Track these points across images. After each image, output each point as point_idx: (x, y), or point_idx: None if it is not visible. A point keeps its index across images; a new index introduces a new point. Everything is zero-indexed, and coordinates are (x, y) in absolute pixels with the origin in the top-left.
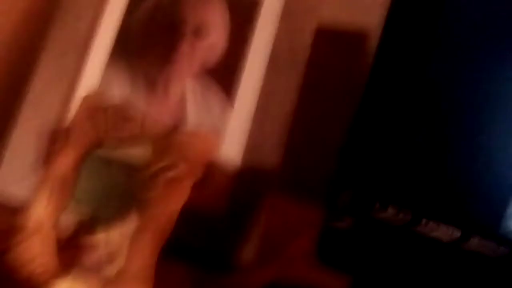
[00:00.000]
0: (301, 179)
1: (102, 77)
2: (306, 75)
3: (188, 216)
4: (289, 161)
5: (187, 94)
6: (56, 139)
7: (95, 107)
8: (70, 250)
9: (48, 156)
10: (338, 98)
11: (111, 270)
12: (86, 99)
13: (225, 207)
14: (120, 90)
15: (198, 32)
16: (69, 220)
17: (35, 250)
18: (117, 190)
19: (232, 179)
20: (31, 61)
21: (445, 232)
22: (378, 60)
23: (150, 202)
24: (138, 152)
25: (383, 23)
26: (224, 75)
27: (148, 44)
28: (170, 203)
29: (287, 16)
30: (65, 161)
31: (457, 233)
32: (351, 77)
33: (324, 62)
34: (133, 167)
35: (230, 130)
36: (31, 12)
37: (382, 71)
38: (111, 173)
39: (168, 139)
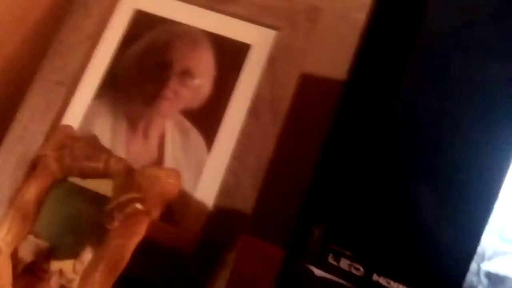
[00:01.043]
0: (274, 224)
1: (86, 113)
2: (286, 123)
3: (157, 254)
4: (262, 206)
5: (166, 137)
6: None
7: (64, 139)
8: (25, 279)
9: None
10: (315, 147)
11: None
12: (57, 130)
13: (196, 247)
14: (102, 127)
15: (184, 75)
16: (27, 249)
17: None
18: (77, 222)
19: (204, 220)
20: (21, 90)
21: None
22: (343, 106)
23: (106, 236)
24: (101, 186)
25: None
26: (205, 119)
27: (134, 84)
28: (125, 239)
29: (271, 64)
30: (29, 191)
31: None
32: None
33: (306, 110)
34: (95, 200)
35: (206, 173)
36: (24, 43)
37: (343, 121)
38: (72, 205)
39: (129, 175)
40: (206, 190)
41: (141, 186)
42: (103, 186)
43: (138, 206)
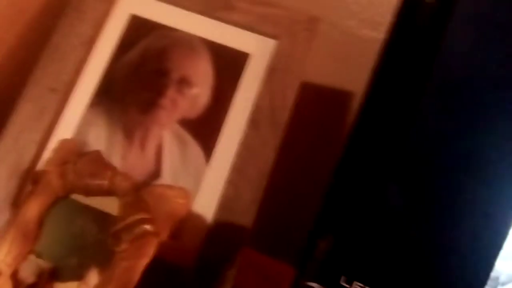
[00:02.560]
0: (275, 237)
1: (80, 121)
2: (286, 135)
3: (155, 269)
4: (263, 219)
5: (164, 147)
6: (28, 183)
7: (67, 155)
8: None
9: (16, 199)
10: (316, 159)
11: None
12: (60, 145)
13: (195, 262)
14: (96, 137)
15: (182, 83)
16: (29, 269)
17: None
18: (81, 241)
19: (203, 234)
20: (13, 97)
21: None
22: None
23: (114, 257)
24: (105, 205)
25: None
26: (204, 129)
27: (130, 92)
28: (134, 260)
29: (270, 74)
30: (30, 208)
31: None
32: (331, 138)
33: (306, 120)
34: (99, 218)
35: (205, 185)
36: (17, 46)
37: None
38: (76, 223)
39: (137, 194)
40: (205, 203)
41: (149, 206)
42: (108, 204)
43: (147, 227)
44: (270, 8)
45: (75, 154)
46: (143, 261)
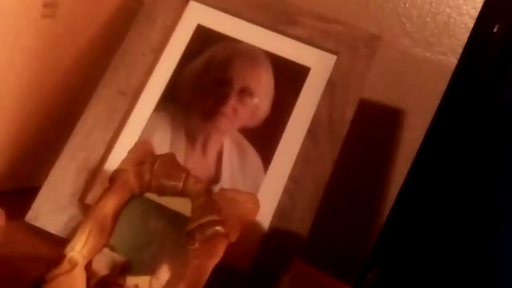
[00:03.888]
0: (327, 251)
1: (146, 125)
2: (343, 149)
3: (213, 270)
4: (317, 231)
5: (224, 154)
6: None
7: (144, 156)
8: None
9: (84, 195)
10: (373, 176)
11: None
12: (136, 145)
13: (249, 266)
14: (161, 141)
15: (243, 93)
16: (102, 262)
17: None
18: (154, 238)
19: (259, 240)
20: (85, 97)
21: None
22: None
23: (187, 255)
24: (177, 204)
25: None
26: (262, 139)
27: (193, 99)
28: (205, 260)
29: (331, 88)
30: (108, 204)
31: None
32: (386, 155)
33: (363, 137)
34: (171, 217)
35: (262, 193)
36: (90, 51)
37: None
38: (149, 221)
39: (209, 197)
40: (262, 210)
41: (221, 209)
42: (179, 204)
43: (219, 228)
44: (332, 24)
45: (151, 155)
46: (213, 261)
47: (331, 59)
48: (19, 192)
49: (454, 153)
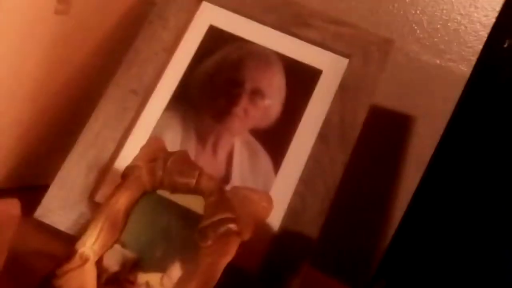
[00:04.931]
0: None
1: (157, 124)
2: (354, 152)
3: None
4: (327, 235)
5: (234, 155)
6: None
7: (156, 152)
8: None
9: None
10: (384, 180)
11: None
12: (149, 142)
13: (259, 267)
14: (171, 140)
15: (255, 94)
16: (113, 258)
17: (76, 284)
18: (166, 235)
19: (269, 241)
20: (96, 96)
21: None
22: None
23: (199, 252)
24: (189, 202)
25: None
26: (273, 141)
27: (204, 99)
28: (217, 257)
29: (342, 91)
30: (120, 200)
31: None
32: (396, 160)
33: (372, 142)
34: (183, 214)
35: (273, 194)
36: (102, 49)
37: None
38: (161, 218)
39: (222, 195)
40: (273, 212)
41: (234, 207)
42: (191, 201)
43: (232, 226)
44: (345, 28)
45: (164, 152)
46: (226, 259)
47: (343, 62)
48: (29, 189)
49: (468, 163)
